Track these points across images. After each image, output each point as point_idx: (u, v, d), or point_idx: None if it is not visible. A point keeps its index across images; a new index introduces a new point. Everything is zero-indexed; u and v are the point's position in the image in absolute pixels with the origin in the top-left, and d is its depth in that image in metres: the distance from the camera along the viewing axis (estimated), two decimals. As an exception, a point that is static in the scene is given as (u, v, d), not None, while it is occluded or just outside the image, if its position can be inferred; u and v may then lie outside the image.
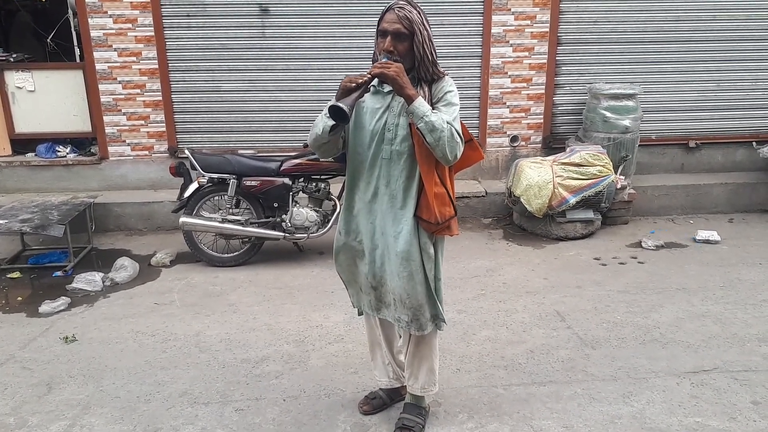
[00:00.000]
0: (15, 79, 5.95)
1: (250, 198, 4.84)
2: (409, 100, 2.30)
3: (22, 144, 6.16)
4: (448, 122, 2.31)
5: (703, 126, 6.36)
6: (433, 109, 2.38)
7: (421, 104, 2.30)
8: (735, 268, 4.68)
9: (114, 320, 3.98)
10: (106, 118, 5.93)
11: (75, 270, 4.75)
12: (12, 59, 6.08)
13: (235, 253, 4.91)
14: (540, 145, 6.29)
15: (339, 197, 4.86)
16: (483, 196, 5.90)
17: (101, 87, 5.84)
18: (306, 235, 4.82)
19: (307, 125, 5.77)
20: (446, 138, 2.29)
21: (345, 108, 2.17)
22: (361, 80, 2.26)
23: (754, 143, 6.22)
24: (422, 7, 2.42)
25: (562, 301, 4.15)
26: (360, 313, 2.84)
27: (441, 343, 3.47)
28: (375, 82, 2.39)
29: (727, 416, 2.90)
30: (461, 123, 2.45)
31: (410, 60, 2.40)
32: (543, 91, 6.14)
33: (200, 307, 4.15)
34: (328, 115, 2.27)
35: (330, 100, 2.32)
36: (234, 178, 4.73)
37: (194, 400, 3.09)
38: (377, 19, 2.41)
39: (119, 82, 5.84)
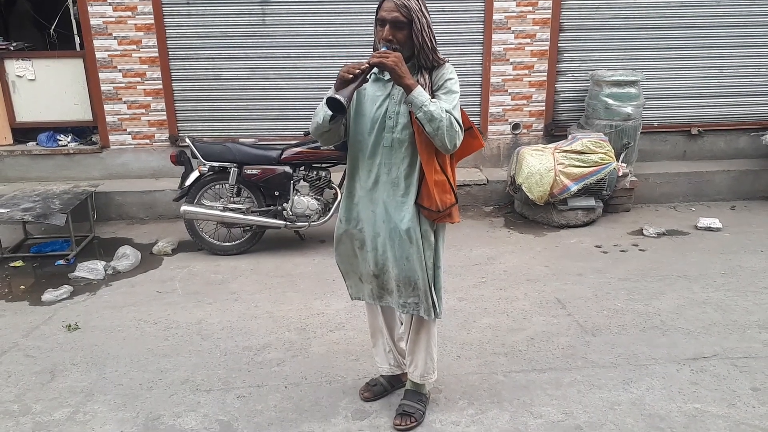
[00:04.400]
0: (15, 67, 5.93)
1: (251, 186, 4.84)
2: (408, 89, 2.29)
3: (23, 133, 6.16)
4: (447, 111, 2.30)
5: (706, 113, 6.32)
6: (433, 96, 2.37)
7: (419, 94, 2.29)
8: (736, 255, 4.67)
9: (116, 308, 4.00)
10: (106, 107, 5.92)
11: (77, 259, 4.77)
12: (12, 48, 6.06)
13: (236, 242, 4.92)
14: (542, 132, 6.27)
15: (340, 185, 4.85)
16: (484, 184, 5.90)
17: (101, 75, 5.82)
18: (307, 223, 4.82)
19: (307, 113, 5.76)
20: (445, 127, 2.29)
21: (342, 99, 2.17)
22: (358, 70, 2.25)
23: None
24: (421, -6, 2.40)
25: (563, 289, 4.15)
26: (353, 299, 2.84)
27: (442, 330, 3.49)
28: (375, 69, 2.38)
29: (727, 403, 2.91)
30: (462, 110, 2.44)
31: (410, 48, 2.39)
32: (545, 78, 6.11)
33: (202, 296, 4.17)
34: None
35: (330, 88, 2.32)
36: (235, 167, 4.73)
37: (196, 387, 3.11)
38: (376, 7, 2.40)
39: (119, 71, 5.83)
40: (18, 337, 3.64)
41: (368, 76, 2.34)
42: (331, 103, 2.20)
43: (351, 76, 2.24)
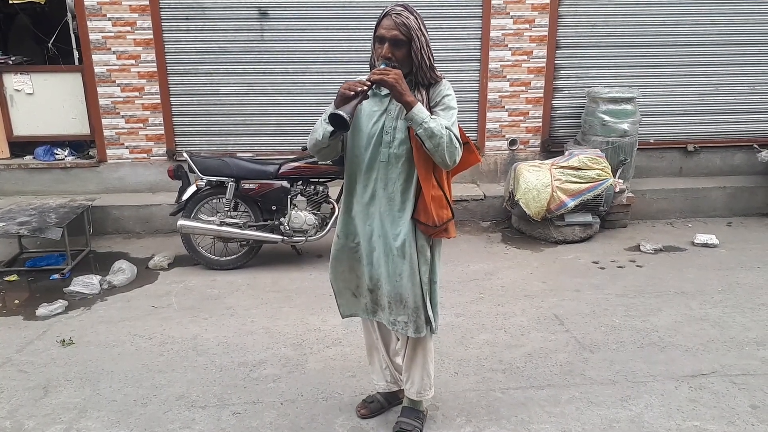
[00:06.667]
0: (13, 81, 5.93)
1: (248, 201, 4.84)
2: (408, 106, 2.30)
3: (21, 147, 6.15)
4: (446, 128, 2.31)
5: (702, 130, 6.36)
6: (431, 113, 2.38)
7: (420, 111, 2.30)
8: (733, 271, 4.67)
9: (111, 323, 3.97)
10: (104, 121, 5.92)
11: (73, 273, 4.74)
12: (11, 62, 6.07)
13: (233, 257, 4.90)
14: (539, 148, 6.29)
15: (337, 200, 4.85)
16: (481, 199, 5.90)
17: (100, 90, 5.83)
18: (304, 238, 4.81)
19: (305, 128, 5.79)
20: (445, 144, 2.30)
21: (346, 116, 2.16)
22: (359, 88, 2.25)
23: (755, 146, 6.20)
24: (419, 12, 2.41)
25: (561, 305, 4.14)
26: (344, 317, 2.81)
27: (439, 346, 3.47)
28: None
29: (726, 420, 2.89)
30: (459, 127, 2.45)
31: (408, 65, 2.40)
32: (542, 95, 6.14)
33: (198, 311, 4.14)
34: (327, 121, 2.27)
35: (330, 105, 2.33)
36: (232, 181, 4.73)
37: (191, 403, 3.08)
38: (375, 23, 2.41)
39: (118, 85, 5.84)
40: (11, 352, 3.61)
41: (368, 94, 2.35)
42: (334, 119, 2.19)
43: (352, 93, 2.24)
